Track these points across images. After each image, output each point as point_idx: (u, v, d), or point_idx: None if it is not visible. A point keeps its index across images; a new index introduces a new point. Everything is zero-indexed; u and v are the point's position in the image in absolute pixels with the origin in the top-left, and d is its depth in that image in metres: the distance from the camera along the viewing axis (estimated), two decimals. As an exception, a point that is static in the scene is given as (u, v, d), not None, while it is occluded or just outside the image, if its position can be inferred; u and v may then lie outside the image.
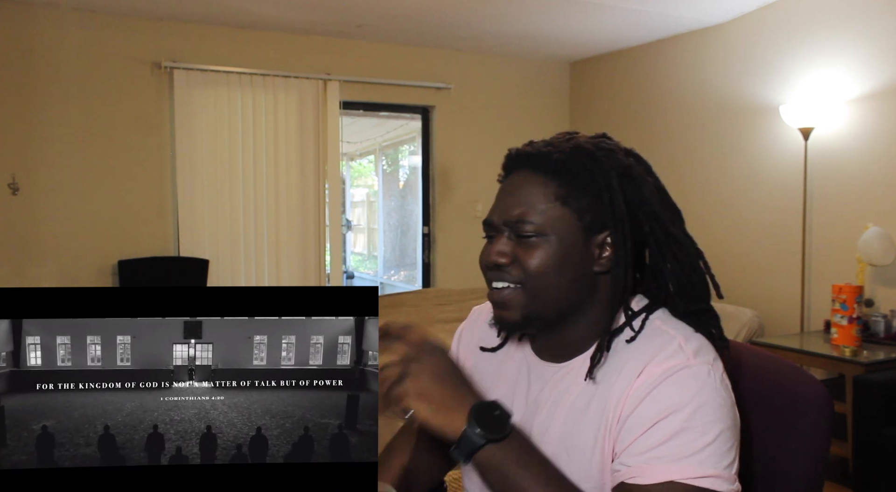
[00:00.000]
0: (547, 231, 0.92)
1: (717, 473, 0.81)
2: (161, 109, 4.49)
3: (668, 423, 0.83)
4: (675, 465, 0.81)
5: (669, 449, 0.82)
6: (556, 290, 0.92)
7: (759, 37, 4.27)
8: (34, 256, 4.22)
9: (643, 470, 0.83)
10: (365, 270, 8.61)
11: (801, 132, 3.87)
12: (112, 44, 4.35)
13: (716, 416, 0.83)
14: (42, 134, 4.21)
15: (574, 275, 0.93)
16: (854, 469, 3.01)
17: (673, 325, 0.93)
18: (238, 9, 4.23)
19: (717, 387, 0.85)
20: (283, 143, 4.76)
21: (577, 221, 0.92)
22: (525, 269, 0.92)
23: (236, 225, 4.64)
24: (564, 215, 0.92)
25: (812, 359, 3.36)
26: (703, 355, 0.88)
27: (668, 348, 0.88)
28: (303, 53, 4.84)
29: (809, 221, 3.96)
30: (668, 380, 0.85)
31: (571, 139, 0.97)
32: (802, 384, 1.01)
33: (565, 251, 0.92)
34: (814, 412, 0.98)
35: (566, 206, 0.92)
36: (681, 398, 0.84)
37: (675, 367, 0.86)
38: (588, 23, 4.57)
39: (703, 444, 0.82)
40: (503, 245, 0.94)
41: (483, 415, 0.84)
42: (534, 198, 0.93)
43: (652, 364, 0.87)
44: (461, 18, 4.48)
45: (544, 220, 0.92)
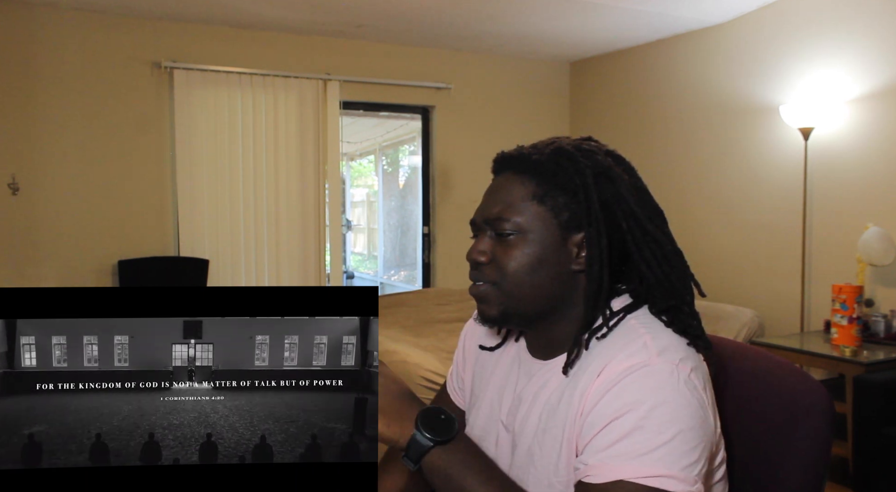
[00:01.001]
0: (524, 229, 0.94)
1: (670, 473, 0.80)
2: (161, 109, 4.49)
3: (622, 421, 0.83)
4: (626, 464, 0.81)
5: (622, 448, 0.82)
6: (530, 288, 0.95)
7: (759, 37, 4.27)
8: (34, 256, 4.22)
9: (596, 468, 0.83)
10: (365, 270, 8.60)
11: (801, 132, 3.86)
12: (112, 44, 4.35)
13: (674, 416, 0.82)
14: (42, 134, 4.21)
15: (550, 273, 0.94)
16: (854, 469, 3.01)
17: (646, 323, 0.92)
18: (238, 9, 4.23)
19: (679, 387, 0.84)
20: (283, 143, 4.76)
21: (553, 219, 0.94)
22: (501, 268, 0.95)
23: (236, 225, 4.64)
24: (542, 214, 0.94)
25: (812, 359, 3.35)
26: (668, 355, 0.87)
27: (632, 346, 0.88)
28: (303, 53, 4.84)
29: (809, 221, 3.96)
30: (627, 378, 0.85)
31: (554, 142, 0.99)
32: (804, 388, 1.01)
33: (542, 250, 0.94)
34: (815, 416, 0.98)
35: (543, 204, 0.94)
36: (637, 397, 0.83)
37: (635, 365, 0.86)
38: (588, 23, 4.57)
39: (658, 443, 0.81)
40: (484, 244, 0.98)
41: (429, 420, 0.88)
42: (513, 197, 0.96)
43: (614, 362, 0.87)
44: (461, 18, 4.48)
45: (522, 218, 0.94)
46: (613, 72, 5.38)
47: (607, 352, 0.90)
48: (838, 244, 3.80)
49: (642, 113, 5.10)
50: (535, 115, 5.61)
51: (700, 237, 4.65)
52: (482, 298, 0.98)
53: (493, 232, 0.97)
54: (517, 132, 5.52)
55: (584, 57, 5.56)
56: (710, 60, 4.61)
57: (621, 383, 0.85)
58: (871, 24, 3.68)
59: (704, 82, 4.66)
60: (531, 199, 0.95)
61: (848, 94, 3.78)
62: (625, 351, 0.88)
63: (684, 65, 4.79)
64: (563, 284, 0.95)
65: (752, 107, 4.32)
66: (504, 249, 0.95)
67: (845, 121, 3.80)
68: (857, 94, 3.75)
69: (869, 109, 3.70)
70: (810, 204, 3.95)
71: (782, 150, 4.13)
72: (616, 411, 0.84)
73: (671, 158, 4.85)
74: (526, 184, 0.96)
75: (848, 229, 3.71)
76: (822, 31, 3.91)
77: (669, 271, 0.95)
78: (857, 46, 3.74)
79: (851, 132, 3.78)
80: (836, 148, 3.85)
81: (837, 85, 3.82)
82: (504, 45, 5.18)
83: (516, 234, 0.94)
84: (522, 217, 0.94)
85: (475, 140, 5.39)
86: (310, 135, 4.83)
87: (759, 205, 4.29)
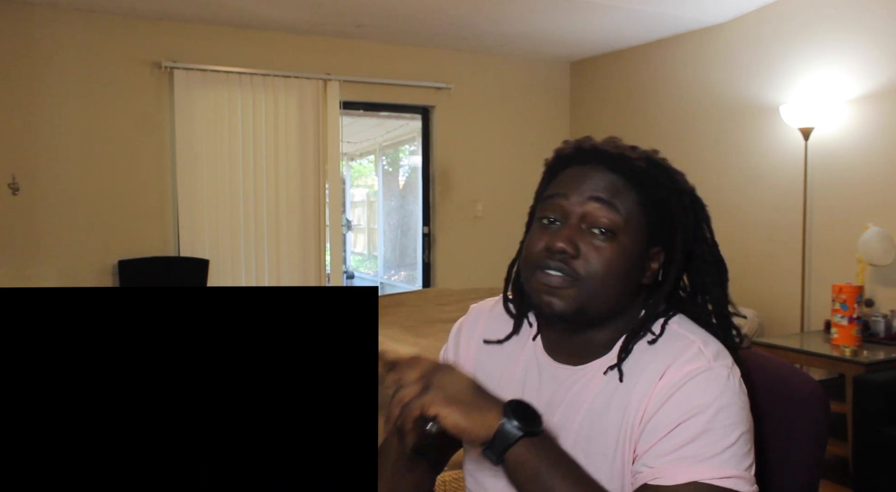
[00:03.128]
0: (620, 231, 0.92)
1: (738, 474, 0.83)
2: (161, 109, 4.49)
3: (690, 424, 0.84)
4: (698, 466, 0.83)
5: (692, 450, 0.83)
6: (613, 290, 0.92)
7: (759, 37, 4.27)
8: (34, 256, 4.22)
9: (666, 471, 0.83)
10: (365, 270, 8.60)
11: (801, 132, 3.86)
12: (112, 44, 4.35)
13: (737, 418, 0.85)
14: (42, 134, 4.21)
15: (629, 281, 0.94)
16: (854, 469, 3.01)
17: (690, 329, 0.94)
18: (238, 9, 4.23)
19: (737, 390, 0.87)
20: (283, 143, 4.76)
21: (646, 230, 0.94)
22: (590, 264, 0.91)
23: (236, 225, 4.64)
24: (640, 222, 0.93)
25: (812, 359, 3.35)
26: (723, 359, 0.89)
27: (688, 352, 0.89)
28: (303, 53, 4.84)
29: (809, 221, 3.96)
30: (690, 382, 0.86)
31: (636, 149, 0.97)
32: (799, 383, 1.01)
33: (629, 257, 0.92)
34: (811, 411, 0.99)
35: (644, 214, 0.93)
36: (703, 400, 0.85)
37: (697, 369, 0.87)
38: (588, 23, 4.57)
39: (725, 445, 0.83)
40: (573, 234, 0.92)
41: (518, 410, 0.85)
42: (617, 196, 0.92)
43: (674, 367, 0.88)
44: (461, 18, 4.48)
45: (622, 219, 0.92)
46: (613, 72, 5.38)
47: (661, 357, 0.90)
48: (838, 244, 3.80)
49: (642, 113, 5.10)
50: (535, 116, 5.61)
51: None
52: (556, 291, 0.91)
53: (586, 225, 0.92)
54: (517, 132, 5.56)
55: (584, 57, 5.56)
56: (710, 60, 4.61)
57: (685, 387, 0.86)
58: (871, 24, 3.68)
59: (704, 82, 4.66)
60: (635, 204, 0.93)
61: (848, 94, 3.78)
62: (683, 356, 0.89)
63: (684, 65, 4.79)
64: (631, 294, 0.95)
65: (752, 107, 4.32)
66: (594, 245, 0.91)
67: (845, 121, 3.80)
68: (857, 94, 3.75)
69: (869, 109, 3.70)
70: (810, 204, 3.95)
71: (782, 150, 4.13)
72: (683, 415, 0.85)
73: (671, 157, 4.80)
74: (629, 187, 0.93)
75: (848, 229, 3.71)
76: (822, 31, 3.91)
77: (722, 288, 1.00)
78: (857, 46, 3.74)
79: (851, 132, 3.79)
80: (836, 148, 3.85)
81: (837, 85, 3.82)
82: (504, 45, 5.18)
83: (609, 233, 0.91)
84: (623, 218, 0.92)
85: (475, 140, 5.39)
86: (310, 135, 4.83)
87: (759, 205, 4.29)
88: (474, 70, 5.39)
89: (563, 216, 0.94)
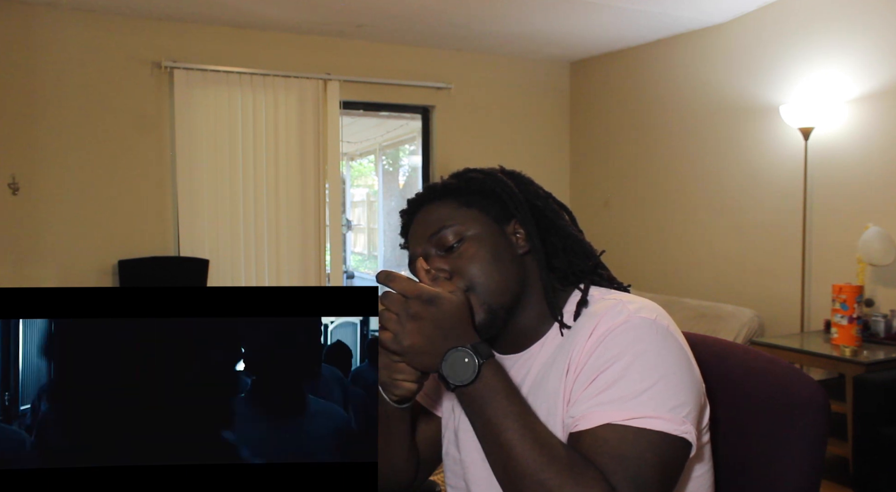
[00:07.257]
0: (466, 232, 1.00)
1: (657, 414, 0.84)
2: (161, 109, 4.49)
3: (608, 373, 0.88)
4: (612, 409, 0.85)
5: (609, 396, 0.87)
6: (499, 273, 0.98)
7: (759, 37, 4.27)
8: (34, 256, 4.22)
9: (585, 418, 0.87)
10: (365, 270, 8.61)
11: (801, 132, 3.86)
12: (112, 44, 4.35)
13: (656, 362, 0.88)
14: (42, 134, 4.21)
15: (506, 260, 1.00)
16: (854, 469, 3.01)
17: (608, 291, 1.02)
18: (238, 9, 4.23)
19: (658, 337, 0.90)
20: (283, 143, 4.76)
21: (485, 216, 1.02)
22: (465, 273, 0.97)
23: (236, 225, 4.64)
24: (473, 215, 1.02)
25: (812, 359, 3.35)
26: (646, 312, 0.93)
27: (613, 310, 0.94)
28: (303, 53, 4.84)
29: (809, 221, 3.96)
30: (610, 335, 0.91)
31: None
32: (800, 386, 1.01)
33: (490, 243, 1.00)
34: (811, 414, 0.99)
35: (471, 208, 1.02)
36: (621, 349, 0.89)
37: (618, 323, 0.91)
38: (588, 23, 4.57)
39: (643, 388, 0.86)
40: (436, 263, 1.00)
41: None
42: (443, 215, 1.02)
43: (600, 324, 0.93)
44: (461, 18, 4.48)
45: (460, 225, 1.00)
46: (613, 72, 5.38)
47: (588, 321, 0.95)
48: (838, 244, 3.80)
49: (642, 113, 5.10)
50: (535, 115, 5.61)
51: (700, 237, 4.66)
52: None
53: (439, 250, 1.00)
54: (517, 132, 5.56)
55: (584, 57, 5.56)
56: (710, 60, 4.61)
57: (605, 341, 0.90)
58: (871, 24, 3.68)
59: (704, 82, 4.66)
60: (459, 207, 1.02)
61: (848, 94, 3.78)
62: (608, 314, 0.93)
63: (684, 65, 4.79)
64: (520, 267, 1.01)
65: (752, 107, 4.32)
66: (457, 258, 0.99)
67: (845, 121, 3.80)
68: (857, 94, 3.75)
69: (869, 109, 3.70)
70: (810, 204, 3.95)
71: (782, 150, 4.13)
72: (603, 364, 0.89)
73: (671, 157, 4.85)
74: (447, 202, 1.03)
75: (848, 229, 3.71)
76: (822, 31, 3.91)
77: (581, 240, 1.06)
78: (857, 46, 3.74)
79: (851, 132, 3.79)
80: (836, 148, 3.85)
81: (837, 85, 3.82)
82: (504, 45, 5.18)
83: (462, 241, 0.99)
84: (460, 224, 1.00)
85: (475, 140, 5.39)
86: (310, 135, 4.83)
87: (759, 205, 4.29)
88: (474, 70, 5.39)
89: (418, 259, 1.02)
